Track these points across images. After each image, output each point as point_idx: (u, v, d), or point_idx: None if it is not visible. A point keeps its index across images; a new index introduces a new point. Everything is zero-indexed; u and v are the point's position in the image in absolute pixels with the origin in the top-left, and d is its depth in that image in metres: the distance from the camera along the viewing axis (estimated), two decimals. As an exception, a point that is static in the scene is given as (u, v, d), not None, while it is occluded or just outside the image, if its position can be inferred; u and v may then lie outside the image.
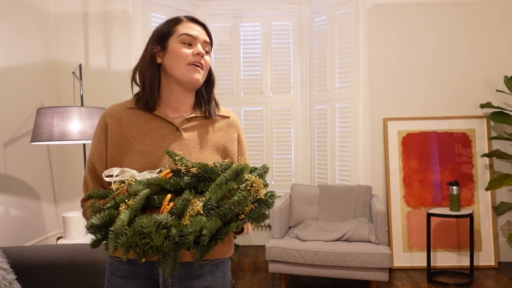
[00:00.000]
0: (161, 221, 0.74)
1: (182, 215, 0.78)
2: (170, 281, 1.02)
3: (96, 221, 0.76)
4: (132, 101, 1.10)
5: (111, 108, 1.08)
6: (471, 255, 2.93)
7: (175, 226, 0.74)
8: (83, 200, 1.09)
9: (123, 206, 0.79)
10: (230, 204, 0.78)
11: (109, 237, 0.73)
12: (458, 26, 3.35)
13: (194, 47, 1.05)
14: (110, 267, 1.07)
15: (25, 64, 2.91)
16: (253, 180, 0.84)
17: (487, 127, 3.29)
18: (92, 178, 1.06)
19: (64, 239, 2.50)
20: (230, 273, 1.14)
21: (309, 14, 3.79)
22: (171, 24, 1.07)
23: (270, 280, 2.98)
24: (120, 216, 0.74)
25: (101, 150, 1.05)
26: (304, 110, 3.85)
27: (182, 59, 1.04)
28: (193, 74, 1.04)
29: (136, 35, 3.34)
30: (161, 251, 0.72)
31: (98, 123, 1.09)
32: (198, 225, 0.73)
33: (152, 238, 0.71)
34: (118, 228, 0.72)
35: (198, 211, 0.77)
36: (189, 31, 1.05)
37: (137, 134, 1.04)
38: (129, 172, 0.93)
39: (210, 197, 0.80)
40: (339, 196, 3.16)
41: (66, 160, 3.32)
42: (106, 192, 0.90)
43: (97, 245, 0.78)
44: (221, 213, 0.78)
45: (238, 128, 1.16)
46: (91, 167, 1.06)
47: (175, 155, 0.94)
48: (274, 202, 0.86)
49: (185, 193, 0.81)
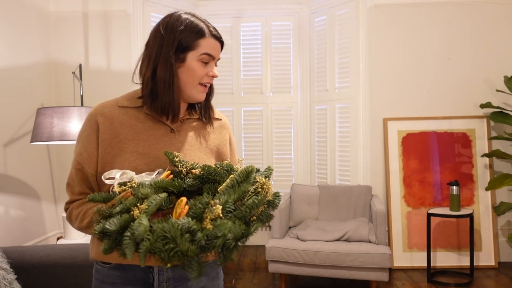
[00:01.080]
0: (183, 225, 0.72)
1: (202, 218, 0.76)
2: (165, 285, 1.00)
3: (111, 227, 0.73)
4: (125, 99, 1.04)
5: (101, 106, 1.02)
6: (471, 255, 2.93)
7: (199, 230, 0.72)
8: (67, 202, 1.03)
9: (136, 210, 0.76)
10: (249, 207, 0.78)
11: (126, 243, 0.70)
12: (458, 26, 3.35)
13: (210, 67, 1.02)
14: (98, 274, 1.02)
15: (25, 64, 2.91)
16: (263, 181, 0.84)
17: (487, 127, 3.29)
18: (79, 179, 1.00)
19: (64, 239, 2.50)
20: (222, 273, 1.14)
21: (309, 14, 3.79)
22: (194, 37, 0.99)
23: (270, 280, 2.98)
24: (141, 221, 0.71)
25: (91, 150, 0.98)
26: (304, 110, 3.85)
27: (197, 78, 1.01)
28: (200, 95, 1.03)
29: (136, 35, 3.34)
30: (186, 256, 0.70)
31: (86, 121, 1.02)
32: (226, 230, 0.72)
33: (177, 242, 0.69)
34: (141, 233, 0.69)
35: (218, 214, 0.75)
36: (211, 51, 1.01)
37: (130, 135, 0.99)
38: (128, 174, 0.91)
39: (227, 200, 0.79)
40: (339, 196, 3.16)
41: (66, 160, 3.32)
42: (108, 196, 0.87)
43: (110, 252, 0.74)
44: (239, 216, 0.77)
45: (229, 130, 1.17)
46: (79, 168, 0.99)
47: (174, 156, 0.92)
48: (280, 202, 0.86)
49: (204, 196, 0.79)
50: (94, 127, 0.99)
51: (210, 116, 1.11)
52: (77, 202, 1.01)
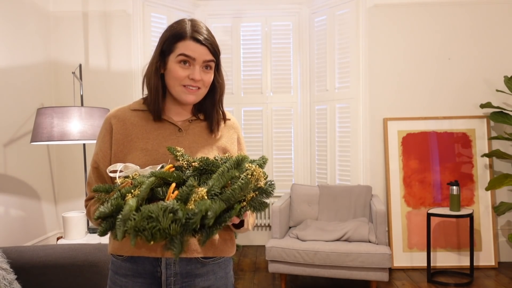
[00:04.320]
0: (168, 206, 0.77)
1: (188, 201, 0.81)
2: (173, 280, 1.03)
3: (104, 209, 0.80)
4: (136, 103, 1.12)
5: (115, 110, 1.11)
6: (471, 255, 2.93)
7: (181, 209, 0.77)
8: (86, 199, 1.11)
9: (129, 196, 0.82)
10: (233, 190, 0.81)
11: (117, 224, 0.76)
12: (458, 26, 3.35)
13: (191, 69, 1.03)
14: (113, 266, 1.08)
15: (25, 64, 2.91)
16: (253, 169, 0.87)
17: (487, 127, 3.29)
18: (95, 177, 1.08)
19: (64, 239, 2.50)
20: (232, 274, 1.14)
21: (309, 14, 3.79)
22: (174, 40, 1.04)
23: (270, 280, 2.98)
24: (128, 202, 0.77)
25: (105, 150, 1.07)
26: (304, 110, 3.85)
27: (177, 80, 1.04)
28: (187, 98, 1.05)
29: (136, 35, 3.34)
30: (168, 234, 0.75)
31: (102, 125, 1.11)
32: (204, 207, 0.76)
33: (160, 221, 0.74)
34: (126, 213, 0.75)
35: (203, 196, 0.80)
36: (187, 52, 1.02)
37: (140, 134, 1.07)
38: (132, 167, 0.96)
39: (213, 184, 0.83)
40: (339, 196, 3.16)
41: (66, 160, 3.32)
42: (111, 186, 0.92)
43: (105, 234, 0.81)
44: (224, 198, 0.81)
45: (238, 130, 1.19)
46: (95, 166, 1.08)
47: (176, 151, 0.98)
48: (274, 191, 0.89)
49: (190, 180, 0.84)
50: (109, 129, 1.08)
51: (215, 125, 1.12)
52: (94, 199, 1.06)
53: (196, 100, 1.08)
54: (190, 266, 1.03)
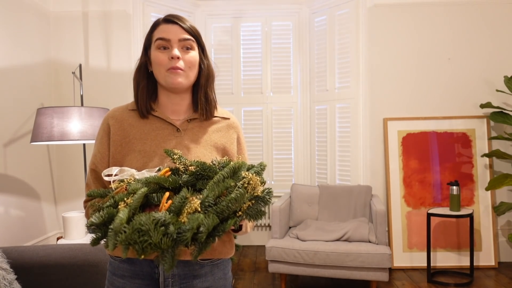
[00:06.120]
0: (160, 219, 0.75)
1: (180, 213, 0.79)
2: (171, 281, 1.02)
3: (95, 220, 0.78)
4: (133, 103, 1.12)
5: (113, 111, 1.10)
6: (471, 255, 2.93)
7: (173, 223, 0.75)
8: (85, 201, 1.10)
9: (122, 204, 0.80)
10: (227, 201, 0.79)
11: (109, 235, 0.74)
12: (458, 26, 3.35)
13: (170, 51, 1.04)
14: (111, 267, 1.08)
15: (25, 64, 2.91)
16: (250, 177, 0.84)
17: (487, 127, 3.29)
18: (94, 179, 1.07)
19: (64, 239, 2.50)
20: (231, 274, 1.13)
21: (309, 14, 3.79)
22: (150, 31, 1.08)
23: (270, 280, 2.98)
24: (119, 214, 0.75)
25: (103, 151, 1.06)
26: (304, 110, 3.85)
27: (161, 66, 1.03)
28: (173, 79, 1.03)
29: (136, 35, 3.34)
30: (159, 248, 0.73)
31: (100, 126, 1.10)
32: (196, 222, 0.74)
33: (151, 235, 0.73)
34: (117, 226, 0.73)
35: (196, 208, 0.78)
36: (161, 34, 1.04)
37: (138, 135, 1.05)
38: (128, 171, 0.94)
39: (207, 195, 0.80)
40: (339, 196, 3.16)
41: (66, 160, 3.32)
42: (105, 191, 0.90)
43: (97, 243, 0.79)
44: (218, 210, 0.79)
45: (238, 129, 1.16)
46: (93, 168, 1.07)
47: (173, 154, 0.95)
48: (271, 198, 0.86)
49: (183, 191, 0.82)
50: (106, 130, 1.08)
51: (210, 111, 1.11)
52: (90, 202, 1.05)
53: (185, 83, 1.05)
54: (188, 267, 1.02)
